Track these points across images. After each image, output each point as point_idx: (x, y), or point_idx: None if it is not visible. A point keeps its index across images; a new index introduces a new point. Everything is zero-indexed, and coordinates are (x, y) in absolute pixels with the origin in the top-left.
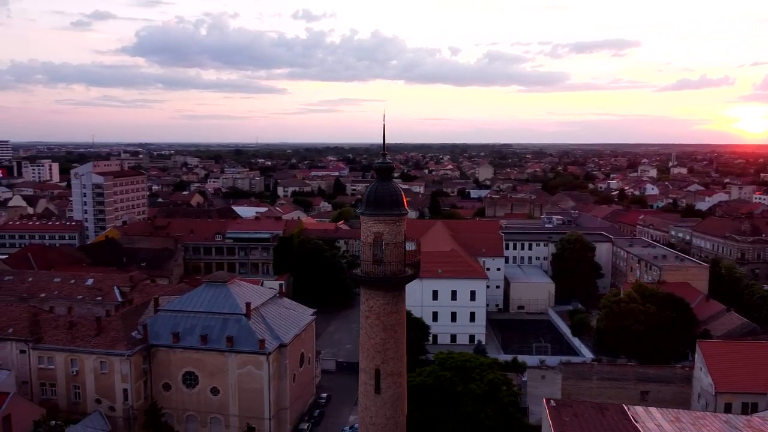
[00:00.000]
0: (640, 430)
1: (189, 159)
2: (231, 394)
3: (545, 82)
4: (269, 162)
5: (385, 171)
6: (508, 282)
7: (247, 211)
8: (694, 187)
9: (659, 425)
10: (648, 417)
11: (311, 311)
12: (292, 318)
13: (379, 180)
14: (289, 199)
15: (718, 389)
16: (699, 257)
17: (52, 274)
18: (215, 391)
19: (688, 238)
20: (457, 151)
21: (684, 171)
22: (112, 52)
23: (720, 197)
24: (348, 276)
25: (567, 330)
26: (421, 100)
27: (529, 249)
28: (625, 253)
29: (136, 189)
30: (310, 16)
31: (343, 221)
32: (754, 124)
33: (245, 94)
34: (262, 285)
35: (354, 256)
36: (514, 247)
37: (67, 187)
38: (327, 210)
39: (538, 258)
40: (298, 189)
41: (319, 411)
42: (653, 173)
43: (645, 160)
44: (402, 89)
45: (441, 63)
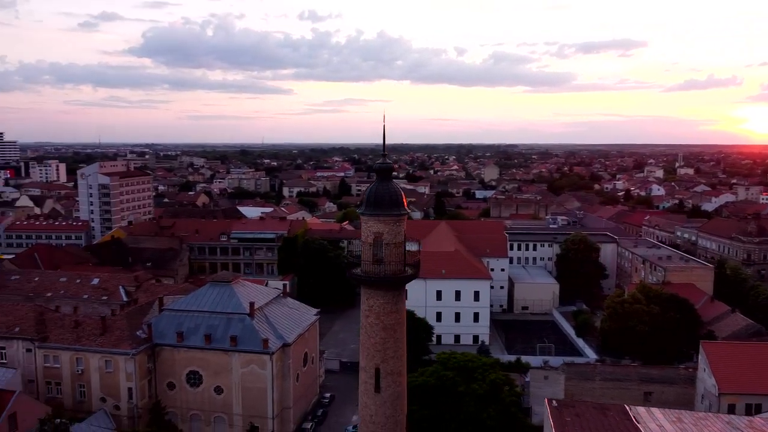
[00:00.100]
0: (641, 430)
1: (195, 159)
2: (234, 393)
3: (551, 82)
4: (275, 162)
5: (385, 171)
6: (512, 282)
7: (253, 212)
8: (700, 188)
9: (661, 426)
10: (650, 417)
11: (315, 311)
12: (295, 318)
13: (379, 180)
14: (294, 200)
15: (721, 390)
16: (705, 258)
17: (58, 273)
18: (219, 391)
19: (693, 238)
20: (463, 152)
21: (691, 171)
22: (118, 52)
23: (726, 198)
24: (348, 276)
25: (571, 331)
26: (427, 100)
27: (534, 250)
28: (630, 254)
29: (142, 189)
30: (315, 16)
31: (348, 221)
32: (761, 124)
33: (251, 94)
34: (266, 285)
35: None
36: (518, 248)
37: (74, 188)
38: (332, 210)
39: (542, 258)
40: (303, 189)
41: (323, 410)
42: (659, 174)
43: (651, 160)
44: (407, 89)
45: (447, 63)
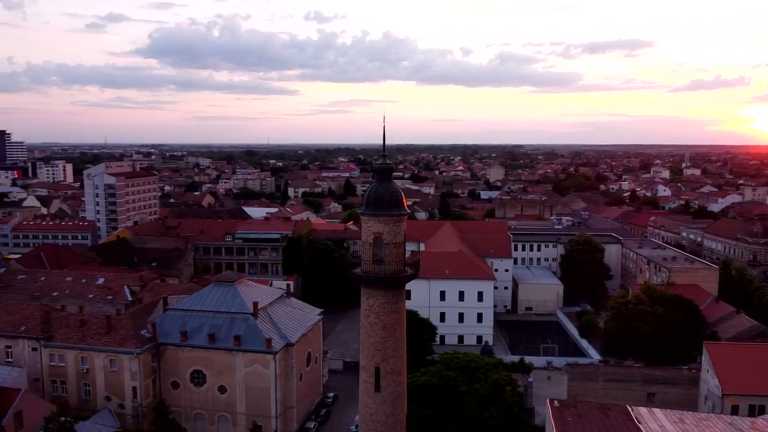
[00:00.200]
0: (642, 430)
1: (201, 160)
2: (238, 392)
3: (557, 82)
4: (280, 163)
5: (385, 172)
6: (516, 283)
7: (258, 212)
8: (706, 189)
9: (662, 426)
10: (651, 418)
11: (318, 311)
12: (299, 317)
13: (379, 181)
14: (300, 200)
15: (724, 391)
16: (710, 259)
17: (63, 273)
18: (223, 390)
19: (699, 239)
20: (469, 152)
21: (697, 172)
22: (125, 53)
23: (733, 198)
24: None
25: (575, 331)
26: (433, 101)
27: (538, 250)
28: (635, 255)
29: (147, 189)
30: (321, 17)
31: (353, 222)
32: None
33: (257, 95)
34: (271, 285)
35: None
36: (522, 248)
37: (81, 188)
38: (337, 211)
39: (546, 259)
40: (308, 190)
41: (326, 410)
42: (666, 174)
43: (658, 161)
44: (413, 90)
45: (452, 64)
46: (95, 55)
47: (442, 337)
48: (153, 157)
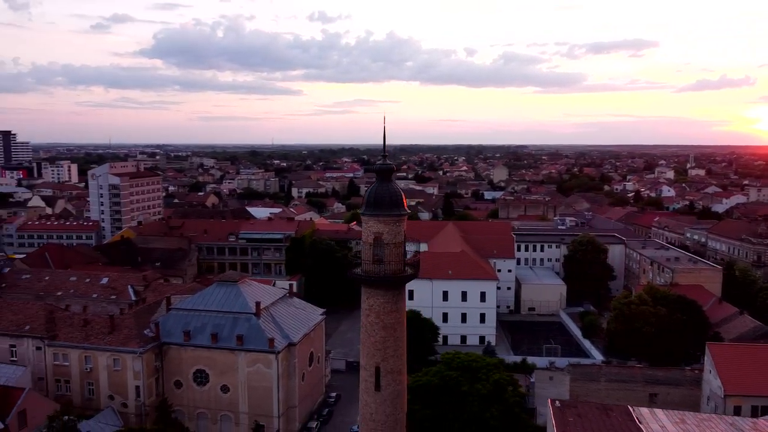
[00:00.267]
0: (643, 431)
1: (205, 160)
2: (241, 391)
3: (562, 83)
4: (284, 163)
5: (385, 172)
6: (519, 283)
7: (261, 212)
8: (711, 189)
9: (663, 426)
10: (652, 418)
11: (321, 311)
12: (301, 317)
13: (380, 181)
14: (303, 200)
15: (727, 392)
16: (714, 260)
17: (68, 273)
18: (225, 389)
19: (703, 240)
20: (473, 153)
21: (702, 173)
22: (130, 54)
23: (738, 199)
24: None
25: (578, 332)
26: (437, 101)
27: (541, 251)
28: (638, 255)
29: (151, 190)
30: (325, 17)
31: (356, 222)
32: None
33: (261, 95)
34: (274, 285)
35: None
36: (525, 249)
37: (85, 188)
38: (341, 211)
39: (550, 260)
40: (312, 190)
41: (328, 410)
42: (670, 175)
43: (662, 161)
44: (417, 90)
45: (456, 64)
46: (100, 56)
47: (444, 338)
48: (157, 158)
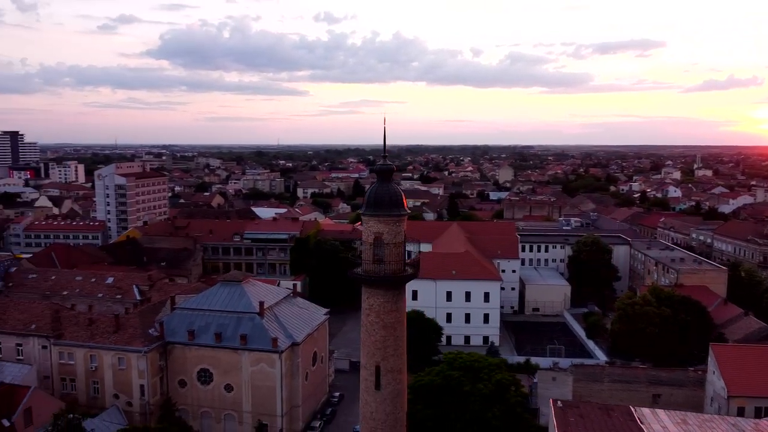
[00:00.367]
0: (645, 431)
1: (211, 160)
2: (244, 391)
3: (568, 83)
4: (290, 164)
5: (385, 173)
6: (523, 284)
7: (267, 212)
8: (718, 190)
9: (665, 427)
10: (654, 419)
11: (324, 311)
12: (305, 317)
13: (380, 181)
14: (309, 201)
15: (730, 393)
16: (720, 261)
17: (74, 272)
18: (229, 388)
19: (709, 241)
20: (478, 153)
21: (709, 173)
22: (137, 55)
23: (745, 200)
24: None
25: (582, 332)
26: (443, 101)
27: (546, 251)
28: (643, 256)
29: (157, 190)
30: (331, 18)
31: (361, 222)
32: None
33: (267, 96)
34: (278, 285)
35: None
36: (530, 249)
37: (92, 188)
38: (346, 211)
39: (554, 260)
40: (317, 190)
41: (332, 409)
42: (677, 175)
43: (669, 162)
44: (423, 91)
45: (462, 64)
46: (107, 57)
47: (448, 338)
48: (164, 158)
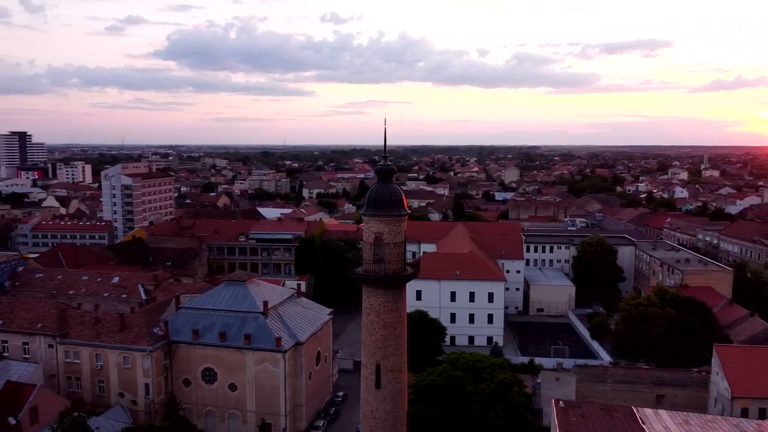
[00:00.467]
0: (646, 431)
1: (218, 161)
2: (248, 390)
3: (575, 83)
4: (296, 164)
5: (386, 173)
6: (528, 284)
7: (272, 213)
8: (725, 190)
9: (667, 427)
10: (656, 419)
11: (328, 311)
12: (309, 317)
13: (380, 182)
14: (314, 201)
15: (734, 394)
16: (726, 261)
17: (80, 272)
18: (233, 387)
19: (715, 241)
20: (484, 153)
21: (716, 173)
22: (144, 55)
23: (752, 200)
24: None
25: (586, 333)
26: (449, 101)
27: (550, 252)
28: (648, 257)
29: (163, 190)
30: (337, 18)
31: None
32: None
33: (273, 96)
34: (283, 285)
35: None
36: (535, 250)
37: (99, 189)
38: (351, 212)
39: (559, 261)
40: (323, 191)
41: (335, 409)
42: (684, 176)
43: (676, 162)
44: (429, 91)
45: (469, 65)
46: (115, 58)
47: (452, 338)
48: (170, 158)
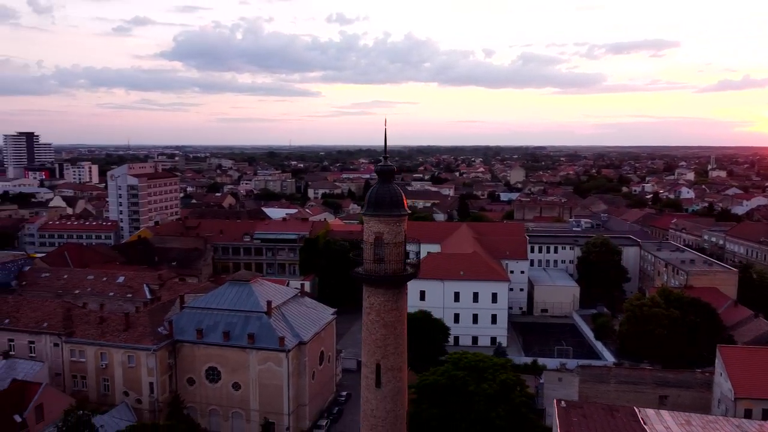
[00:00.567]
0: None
1: (223, 161)
2: (252, 389)
3: (581, 83)
4: (301, 164)
5: (386, 173)
6: (532, 285)
7: (277, 213)
8: (731, 191)
9: (668, 428)
10: (658, 419)
11: (332, 310)
12: (312, 317)
13: (381, 182)
14: (319, 201)
15: (737, 395)
16: (732, 262)
17: (86, 271)
18: (237, 387)
19: (721, 242)
20: (490, 154)
21: (723, 174)
22: (150, 56)
23: (759, 201)
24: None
25: (590, 333)
26: (455, 102)
27: (555, 252)
28: (653, 257)
29: (169, 190)
30: (343, 19)
31: None
32: None
33: (279, 97)
34: (288, 285)
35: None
36: (539, 250)
37: (105, 189)
38: (356, 212)
39: (563, 261)
40: (328, 191)
41: (339, 408)
42: (690, 176)
43: (683, 162)
44: (435, 91)
45: (474, 65)
46: (121, 58)
47: (456, 338)
48: (176, 159)
